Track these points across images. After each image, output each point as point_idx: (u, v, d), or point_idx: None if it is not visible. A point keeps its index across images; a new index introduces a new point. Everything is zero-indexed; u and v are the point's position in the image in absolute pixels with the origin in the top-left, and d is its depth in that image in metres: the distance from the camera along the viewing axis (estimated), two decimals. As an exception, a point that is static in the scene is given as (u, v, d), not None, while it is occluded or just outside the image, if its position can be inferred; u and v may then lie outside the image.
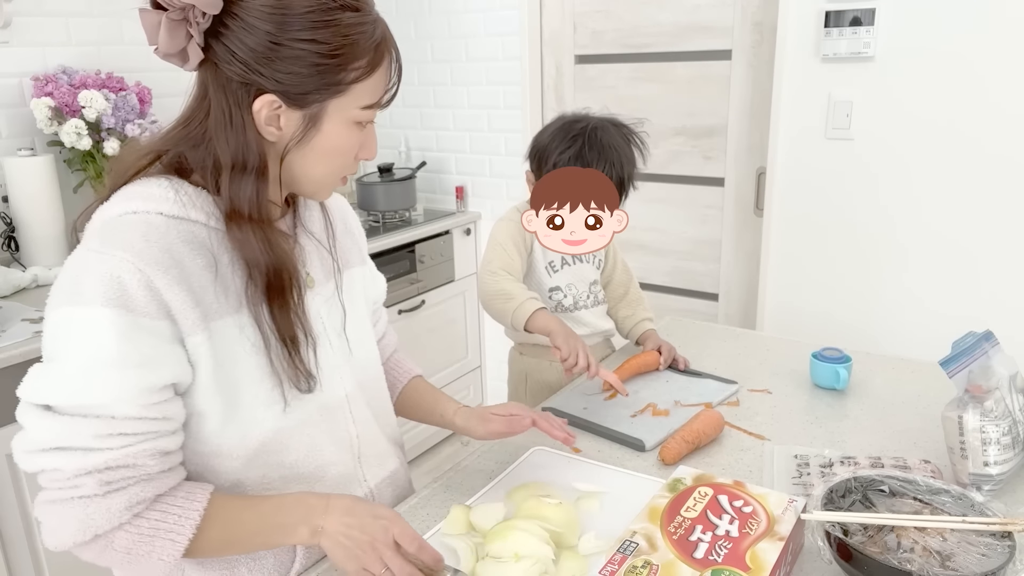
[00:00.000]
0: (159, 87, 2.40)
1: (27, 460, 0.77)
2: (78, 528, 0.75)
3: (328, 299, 0.96)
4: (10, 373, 1.58)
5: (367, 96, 0.83)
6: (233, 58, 0.78)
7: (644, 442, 1.17)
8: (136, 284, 0.75)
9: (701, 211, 2.55)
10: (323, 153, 0.85)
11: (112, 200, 0.83)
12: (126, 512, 0.76)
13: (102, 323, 0.74)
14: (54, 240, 2.08)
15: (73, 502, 0.75)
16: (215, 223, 0.83)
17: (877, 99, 2.04)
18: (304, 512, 0.83)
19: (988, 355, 1.02)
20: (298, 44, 0.77)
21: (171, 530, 0.78)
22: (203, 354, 0.80)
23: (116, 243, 0.76)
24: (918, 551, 0.79)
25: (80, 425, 0.74)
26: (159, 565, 0.79)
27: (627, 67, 2.57)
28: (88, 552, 0.78)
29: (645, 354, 1.46)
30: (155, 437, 0.78)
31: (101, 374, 0.74)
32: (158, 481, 0.79)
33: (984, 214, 1.96)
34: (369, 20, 0.81)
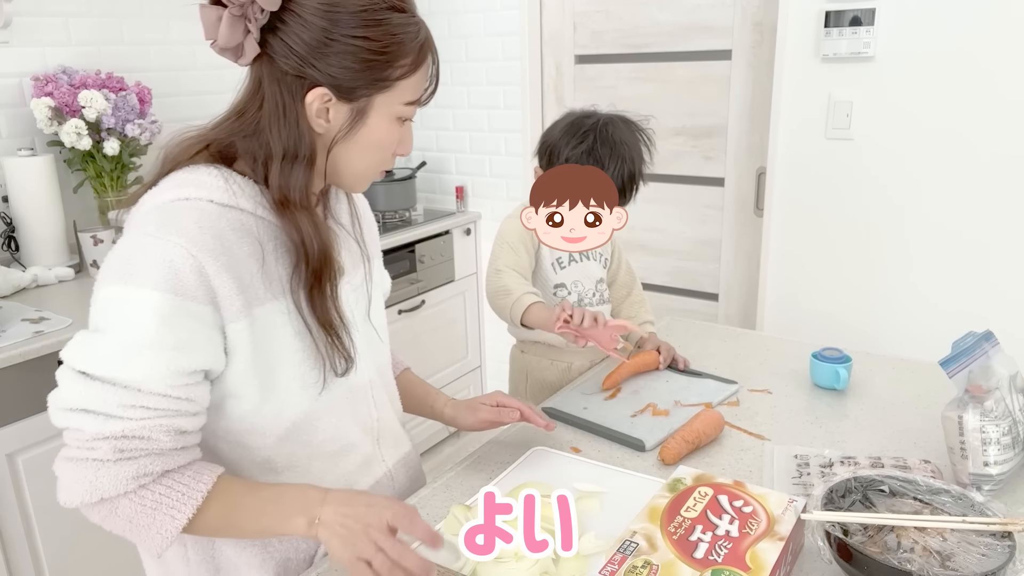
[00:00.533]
0: (159, 87, 2.40)
1: (57, 416, 0.81)
2: (87, 489, 0.79)
3: (356, 288, 1.00)
4: (10, 373, 1.58)
5: (410, 92, 0.88)
6: (289, 52, 0.83)
7: (644, 442, 1.17)
8: (188, 269, 0.79)
9: (701, 211, 2.55)
10: (366, 146, 0.89)
11: (163, 186, 0.86)
12: (132, 481, 0.79)
13: (148, 305, 0.78)
14: (54, 240, 2.08)
15: (87, 463, 0.79)
16: (262, 212, 0.87)
17: (877, 99, 2.04)
18: (302, 503, 0.84)
19: (988, 355, 1.02)
20: (350, 40, 0.82)
21: (172, 506, 0.81)
22: (243, 340, 0.84)
23: (172, 228, 0.80)
24: (918, 551, 0.79)
25: (108, 392, 0.78)
26: (157, 538, 0.81)
27: (627, 67, 2.57)
28: (95, 514, 0.82)
29: (645, 354, 1.46)
30: (174, 415, 0.81)
31: (137, 354, 0.78)
32: (168, 457, 0.82)
33: (984, 213, 1.96)
34: (414, 21, 0.86)
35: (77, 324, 1.70)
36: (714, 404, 1.31)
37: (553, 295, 1.52)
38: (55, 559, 1.71)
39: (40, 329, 1.66)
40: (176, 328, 0.79)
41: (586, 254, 1.54)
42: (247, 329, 0.84)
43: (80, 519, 0.84)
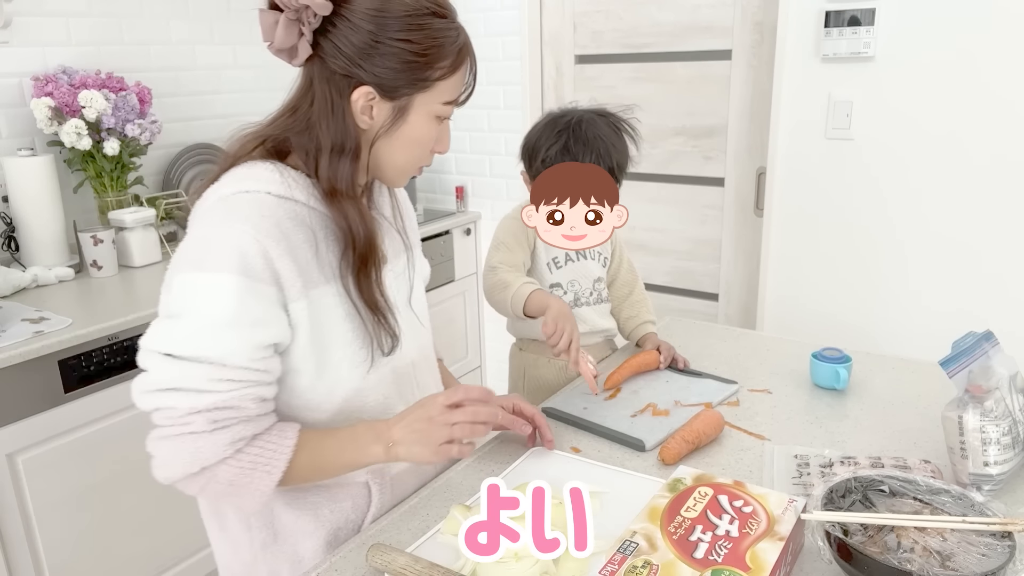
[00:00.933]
0: (159, 87, 2.40)
1: (144, 399, 0.87)
2: (189, 460, 0.85)
3: (398, 275, 1.07)
4: (10, 373, 1.58)
5: (448, 93, 0.95)
6: (338, 53, 0.89)
7: (644, 442, 1.17)
8: (255, 253, 0.86)
9: (701, 211, 2.55)
10: (406, 142, 0.96)
11: (224, 181, 0.93)
12: (230, 447, 0.86)
13: (225, 287, 0.85)
14: (54, 240, 2.08)
15: (184, 437, 0.85)
16: (314, 203, 0.94)
17: (877, 99, 2.04)
18: (374, 434, 0.95)
19: (988, 355, 1.02)
20: (394, 43, 0.89)
21: (267, 463, 0.89)
22: (303, 318, 0.92)
23: (237, 217, 0.88)
24: (918, 551, 0.79)
25: (196, 369, 0.85)
26: (256, 495, 0.89)
27: (627, 67, 2.57)
28: (194, 484, 0.88)
29: (645, 353, 1.46)
30: (256, 385, 0.89)
31: (219, 332, 0.85)
32: (256, 422, 0.89)
33: (984, 213, 1.96)
34: (454, 27, 0.94)
35: (77, 324, 1.70)
36: (714, 404, 1.31)
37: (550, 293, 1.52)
38: (55, 559, 1.71)
39: (40, 329, 1.66)
40: (250, 306, 0.86)
41: (583, 253, 1.54)
42: (305, 309, 0.91)
43: (80, 519, 0.84)
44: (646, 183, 2.61)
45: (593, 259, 1.56)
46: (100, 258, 2.08)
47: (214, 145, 2.62)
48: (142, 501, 1.87)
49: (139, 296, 1.96)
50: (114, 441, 1.79)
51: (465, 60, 0.95)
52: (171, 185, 2.48)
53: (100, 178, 2.20)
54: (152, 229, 2.22)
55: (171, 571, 1.98)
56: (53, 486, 1.69)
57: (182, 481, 0.88)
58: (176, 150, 2.51)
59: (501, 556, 0.83)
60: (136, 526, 1.87)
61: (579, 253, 1.53)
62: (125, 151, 2.20)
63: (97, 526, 1.78)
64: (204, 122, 2.61)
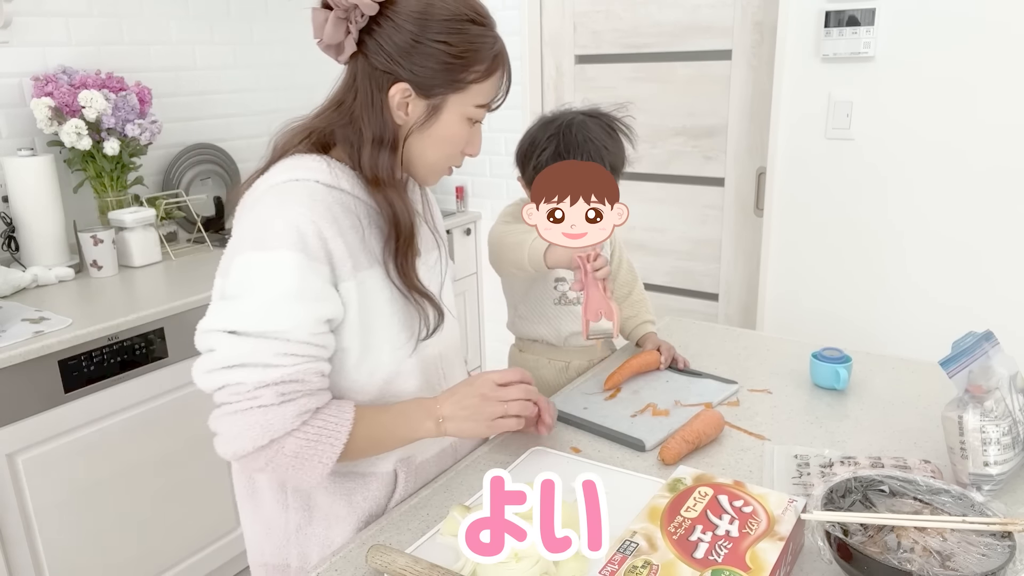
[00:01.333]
0: (159, 87, 2.40)
1: (208, 378, 0.90)
2: (259, 433, 0.88)
3: (431, 268, 1.12)
4: (10, 373, 1.58)
5: (481, 96, 0.99)
6: (380, 50, 0.94)
7: (644, 442, 1.17)
8: (311, 232, 0.91)
9: (701, 211, 2.55)
10: (438, 140, 1.00)
11: (273, 171, 0.97)
12: (297, 419, 0.90)
13: (287, 263, 0.89)
14: (54, 240, 2.08)
15: (253, 411, 0.88)
16: (359, 192, 0.99)
17: (877, 99, 2.04)
18: (424, 411, 1.00)
19: (988, 355, 1.02)
20: (433, 44, 0.94)
21: (330, 436, 0.92)
22: (352, 298, 0.96)
23: (292, 200, 0.93)
24: (918, 551, 0.79)
25: (263, 345, 0.89)
26: (318, 468, 0.92)
27: (627, 67, 2.57)
28: (261, 458, 0.90)
29: (645, 353, 1.45)
30: (317, 360, 0.93)
31: (283, 306, 0.89)
32: (319, 396, 0.93)
33: (984, 214, 1.96)
34: (491, 35, 0.98)
35: (77, 324, 1.70)
36: (714, 404, 1.31)
37: (554, 289, 1.51)
38: (55, 559, 1.71)
39: (40, 329, 1.66)
40: (310, 281, 0.91)
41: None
42: (355, 289, 0.96)
43: (80, 519, 0.84)
44: (646, 183, 2.61)
45: None
46: (100, 258, 2.08)
47: (214, 145, 2.62)
48: (142, 501, 1.87)
49: (139, 296, 1.96)
50: (114, 441, 1.79)
51: (500, 67, 1.00)
52: (171, 185, 2.48)
53: (100, 178, 2.20)
54: (152, 229, 2.22)
55: (171, 571, 1.98)
56: (53, 486, 1.69)
57: (251, 455, 0.90)
58: (176, 150, 2.51)
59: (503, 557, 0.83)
60: (136, 526, 1.87)
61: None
62: (125, 151, 2.20)
63: (97, 526, 1.78)
64: (204, 122, 2.61)
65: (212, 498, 2.04)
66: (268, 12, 2.75)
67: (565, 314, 1.53)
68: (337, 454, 0.93)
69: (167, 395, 1.90)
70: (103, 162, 2.17)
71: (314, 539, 1.05)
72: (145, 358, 1.84)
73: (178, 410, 1.92)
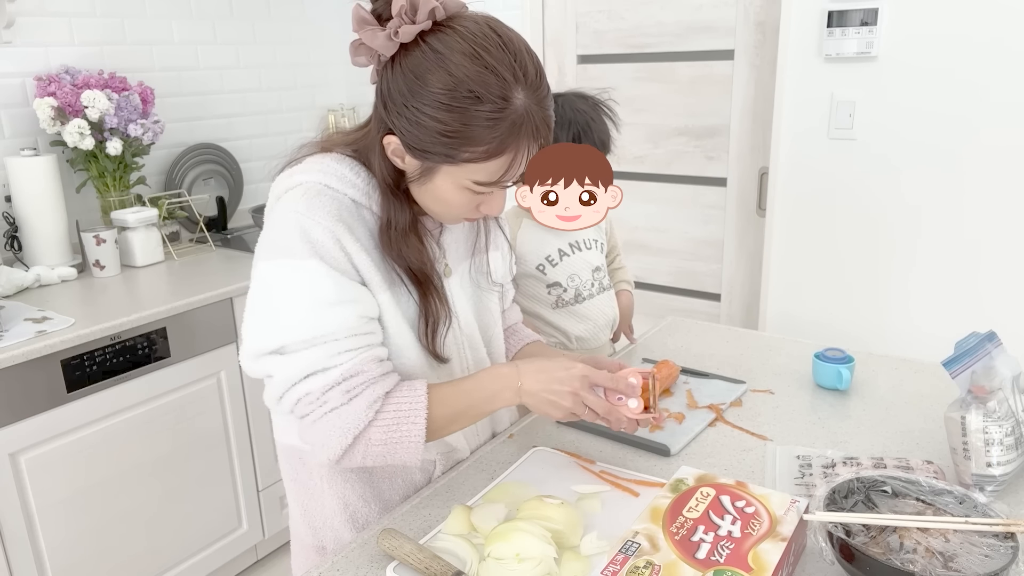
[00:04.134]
0: (162, 87, 2.40)
1: (283, 403, 0.92)
2: (340, 434, 0.90)
3: (463, 284, 1.10)
4: (13, 373, 1.58)
5: (481, 175, 0.89)
6: (387, 94, 0.89)
7: (668, 447, 1.16)
8: (332, 245, 0.90)
9: (703, 211, 2.54)
10: (436, 199, 0.95)
11: (308, 165, 0.95)
12: (369, 410, 0.90)
13: (318, 271, 0.89)
14: (57, 240, 2.08)
15: (328, 416, 0.90)
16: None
17: (880, 99, 2.03)
18: (503, 381, 0.97)
19: (991, 356, 1.01)
20: (422, 114, 0.85)
21: (409, 416, 0.92)
22: (389, 307, 0.96)
23: (317, 209, 0.90)
24: (921, 552, 0.79)
25: (314, 352, 0.89)
26: (411, 448, 0.93)
27: (629, 67, 2.57)
28: (355, 455, 0.92)
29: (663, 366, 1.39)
30: (370, 348, 0.93)
31: (325, 311, 0.89)
32: (383, 382, 0.93)
33: (987, 214, 1.96)
34: (498, 116, 0.84)
35: (80, 324, 1.70)
36: (725, 405, 1.30)
37: (548, 294, 1.51)
38: (57, 558, 1.71)
39: (43, 329, 1.67)
40: (345, 287, 0.90)
41: (579, 245, 1.53)
42: (390, 300, 0.96)
43: (82, 519, 0.84)
44: (648, 183, 2.61)
45: (589, 248, 1.55)
46: (103, 258, 2.08)
47: (216, 145, 2.62)
48: (144, 501, 1.88)
49: (142, 296, 1.97)
50: (116, 441, 1.80)
51: (507, 149, 0.87)
52: (173, 185, 2.48)
53: (103, 178, 2.21)
54: (154, 229, 2.23)
55: (173, 571, 1.99)
56: (55, 485, 1.69)
57: (345, 456, 0.92)
58: (179, 150, 2.51)
59: (502, 558, 0.84)
60: (138, 526, 1.87)
61: (574, 247, 1.52)
62: (128, 151, 2.21)
63: (99, 525, 1.78)
64: (206, 122, 2.61)
65: (214, 498, 2.05)
66: (270, 12, 2.76)
67: (568, 316, 1.53)
68: (422, 431, 0.92)
69: (169, 395, 1.90)
70: (106, 162, 2.18)
71: (351, 522, 1.07)
72: (147, 358, 1.84)
73: (180, 410, 1.92)
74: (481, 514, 0.93)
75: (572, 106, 1.39)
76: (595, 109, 1.42)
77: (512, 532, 0.86)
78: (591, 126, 1.39)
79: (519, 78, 0.85)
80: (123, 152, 2.17)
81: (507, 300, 1.27)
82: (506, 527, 0.88)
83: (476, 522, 0.92)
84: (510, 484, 1.04)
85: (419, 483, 1.10)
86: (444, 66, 0.83)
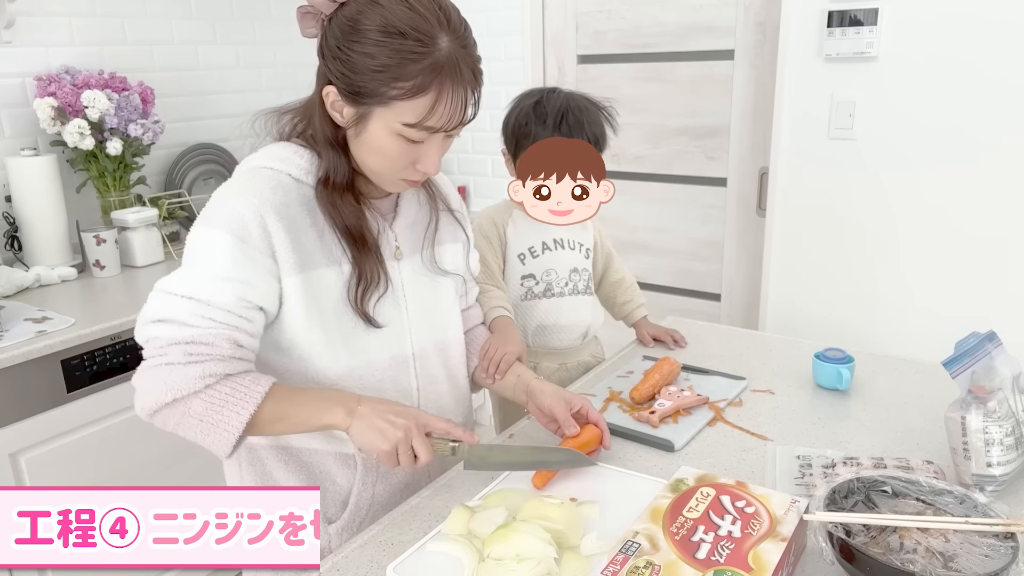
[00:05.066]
0: (162, 87, 2.40)
1: (139, 331, 0.95)
2: (163, 389, 0.90)
3: (416, 269, 1.11)
4: (13, 373, 1.58)
5: (408, 115, 0.92)
6: (324, 49, 0.95)
7: (673, 443, 1.17)
8: (254, 224, 0.94)
9: (703, 211, 2.54)
10: (371, 150, 0.97)
11: (260, 152, 1.02)
12: (200, 381, 0.91)
13: (222, 244, 0.92)
14: (57, 240, 2.08)
15: (161, 368, 0.91)
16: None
17: (880, 99, 2.03)
18: (341, 399, 0.97)
19: (991, 356, 1.01)
20: (355, 52, 0.91)
21: (237, 403, 0.92)
22: (295, 293, 0.97)
23: (251, 187, 0.96)
24: (921, 552, 0.79)
25: (183, 304, 0.92)
26: (224, 435, 0.92)
27: (629, 67, 2.57)
28: (171, 417, 0.92)
29: (664, 363, 1.41)
30: (234, 329, 0.94)
31: (214, 281, 0.92)
32: (228, 363, 0.93)
33: (988, 214, 1.96)
34: (423, 51, 0.90)
35: (80, 324, 1.70)
36: (726, 400, 1.31)
37: (520, 286, 1.50)
38: (58, 558, 1.71)
39: (43, 329, 1.67)
40: (242, 266, 0.93)
41: (561, 243, 1.52)
42: (300, 285, 0.97)
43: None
44: (648, 183, 2.61)
45: (572, 249, 1.53)
46: (103, 258, 2.08)
47: (217, 145, 2.62)
48: (144, 501, 1.87)
49: (142, 296, 1.95)
50: (117, 441, 1.80)
51: (431, 86, 0.90)
52: (174, 185, 2.48)
53: (103, 178, 2.21)
54: (155, 229, 2.23)
55: (173, 570, 1.98)
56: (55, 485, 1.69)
57: (159, 413, 0.92)
58: (179, 150, 2.51)
59: (501, 559, 0.84)
60: (138, 526, 1.87)
61: (557, 243, 1.52)
62: (128, 151, 2.21)
63: (99, 525, 1.78)
64: (207, 122, 2.61)
65: (214, 498, 2.04)
66: (270, 12, 2.76)
67: (531, 308, 1.51)
68: (244, 422, 0.92)
69: (169, 395, 1.90)
70: (106, 162, 2.17)
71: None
72: (147, 358, 1.84)
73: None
74: (481, 519, 0.93)
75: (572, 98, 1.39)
76: (594, 106, 1.42)
77: (511, 533, 0.86)
78: (584, 117, 1.38)
79: (443, 24, 0.92)
80: (123, 152, 2.17)
81: (469, 298, 1.28)
82: (506, 528, 0.88)
83: (475, 527, 0.92)
84: (507, 492, 1.03)
85: (347, 480, 1.09)
86: (373, 8, 0.91)
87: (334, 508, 1.09)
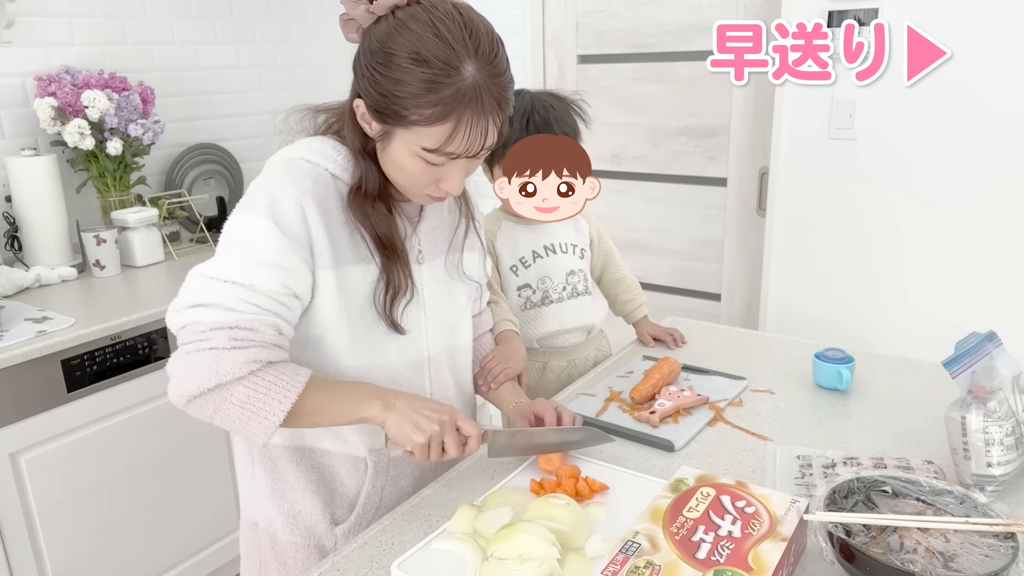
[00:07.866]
0: (162, 87, 2.40)
1: (176, 316, 0.93)
2: (206, 374, 0.89)
3: (435, 274, 1.12)
4: (13, 373, 1.58)
5: (428, 140, 0.93)
6: (356, 60, 0.96)
7: (673, 443, 1.17)
8: (295, 214, 0.94)
9: (703, 211, 2.54)
10: (395, 167, 0.99)
11: (297, 144, 1.03)
12: (244, 367, 0.90)
13: (267, 231, 0.93)
14: (57, 240, 2.08)
15: (204, 352, 0.89)
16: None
17: (880, 99, 2.03)
18: (378, 392, 0.99)
19: (991, 356, 1.01)
20: (380, 75, 0.92)
21: (280, 391, 0.91)
22: (328, 287, 0.98)
23: (291, 180, 0.96)
24: (921, 552, 0.79)
25: (227, 288, 0.91)
26: (264, 423, 0.91)
27: (630, 67, 2.57)
28: (209, 403, 0.91)
29: (664, 363, 1.41)
30: (277, 316, 0.94)
31: (256, 266, 0.92)
32: (272, 350, 0.93)
33: (987, 214, 1.96)
34: (445, 80, 0.90)
35: (80, 324, 1.70)
36: (726, 400, 1.31)
37: (518, 296, 1.50)
38: (58, 558, 1.71)
39: (43, 329, 1.67)
40: (286, 254, 0.93)
41: (553, 248, 1.52)
42: (333, 280, 0.98)
43: (83, 519, 0.84)
44: (648, 183, 2.61)
45: (565, 252, 1.53)
46: (103, 258, 2.08)
47: (217, 145, 2.62)
48: (145, 501, 1.88)
49: (142, 296, 1.97)
50: (117, 441, 1.80)
51: (451, 116, 0.91)
52: (174, 185, 2.48)
53: (103, 178, 2.21)
54: (155, 229, 2.23)
55: (173, 570, 1.99)
56: (56, 486, 1.69)
57: (197, 400, 0.90)
58: (179, 150, 2.51)
59: (504, 558, 0.84)
60: (138, 526, 1.87)
61: (548, 249, 1.51)
62: (128, 151, 2.21)
63: (99, 526, 1.78)
64: (207, 122, 2.61)
65: (214, 498, 2.04)
66: (271, 12, 2.75)
67: (534, 318, 1.52)
68: (285, 411, 0.91)
69: (170, 395, 1.90)
70: (106, 162, 2.18)
71: (280, 504, 1.09)
72: (147, 358, 1.84)
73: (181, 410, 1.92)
74: (486, 518, 0.93)
75: (537, 98, 1.39)
76: (564, 104, 1.42)
77: (515, 533, 0.86)
78: (550, 115, 1.38)
79: (470, 52, 0.91)
80: (123, 152, 2.17)
81: (481, 303, 1.29)
82: (509, 528, 0.87)
83: (480, 526, 0.92)
84: (509, 491, 1.03)
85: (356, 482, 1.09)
86: (402, 32, 0.91)
87: (342, 510, 1.10)
